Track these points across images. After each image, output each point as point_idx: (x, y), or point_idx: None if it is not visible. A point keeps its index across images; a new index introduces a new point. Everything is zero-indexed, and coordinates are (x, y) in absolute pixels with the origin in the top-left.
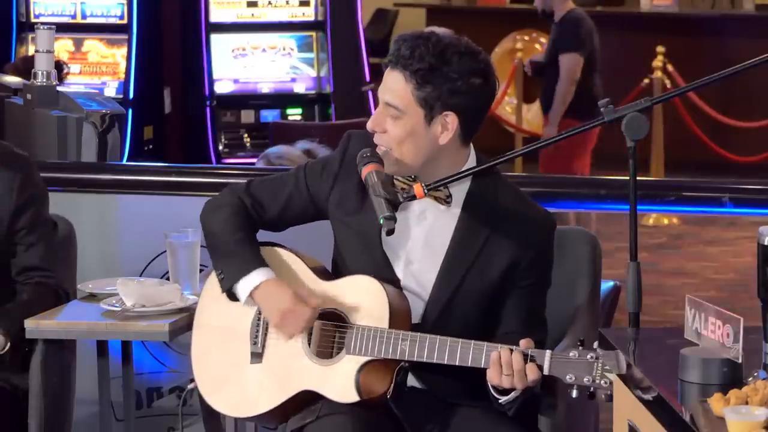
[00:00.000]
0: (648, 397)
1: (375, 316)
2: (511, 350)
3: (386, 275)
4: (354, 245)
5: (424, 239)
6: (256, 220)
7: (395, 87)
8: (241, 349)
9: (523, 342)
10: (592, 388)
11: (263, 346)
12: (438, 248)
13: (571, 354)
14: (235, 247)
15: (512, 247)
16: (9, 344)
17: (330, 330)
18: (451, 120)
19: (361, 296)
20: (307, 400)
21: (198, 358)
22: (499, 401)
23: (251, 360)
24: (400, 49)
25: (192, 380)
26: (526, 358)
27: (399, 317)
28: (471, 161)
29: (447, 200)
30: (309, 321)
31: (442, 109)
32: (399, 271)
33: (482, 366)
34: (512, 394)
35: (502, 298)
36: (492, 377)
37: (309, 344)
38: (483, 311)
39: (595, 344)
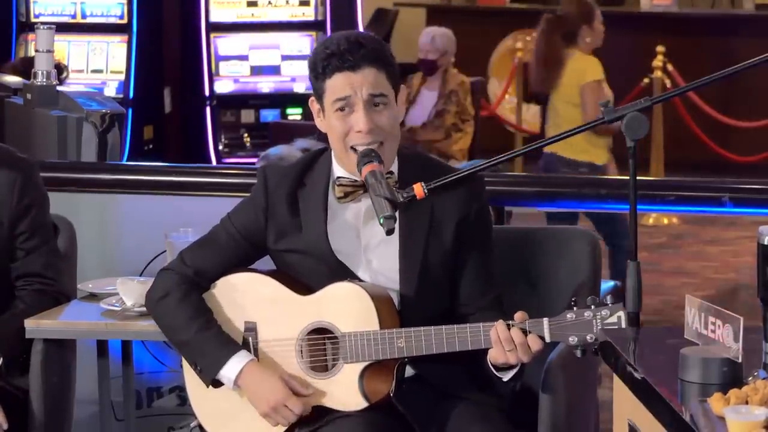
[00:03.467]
0: (648, 396)
1: (363, 319)
2: (508, 325)
3: None
4: (309, 264)
5: (375, 235)
6: (203, 287)
7: (372, 79)
8: None
9: (517, 315)
10: (596, 346)
11: None
12: (390, 238)
13: (568, 316)
14: (199, 338)
15: (457, 206)
16: (2, 359)
17: (320, 343)
18: (402, 93)
19: (345, 303)
20: (312, 414)
21: (196, 396)
22: (503, 380)
23: None
24: (350, 52)
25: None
26: (524, 331)
27: (386, 314)
28: None
29: (396, 185)
30: (299, 415)
31: (399, 85)
32: (363, 274)
33: (483, 347)
34: (514, 370)
35: (462, 261)
36: (496, 356)
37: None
38: (451, 279)
39: (589, 300)
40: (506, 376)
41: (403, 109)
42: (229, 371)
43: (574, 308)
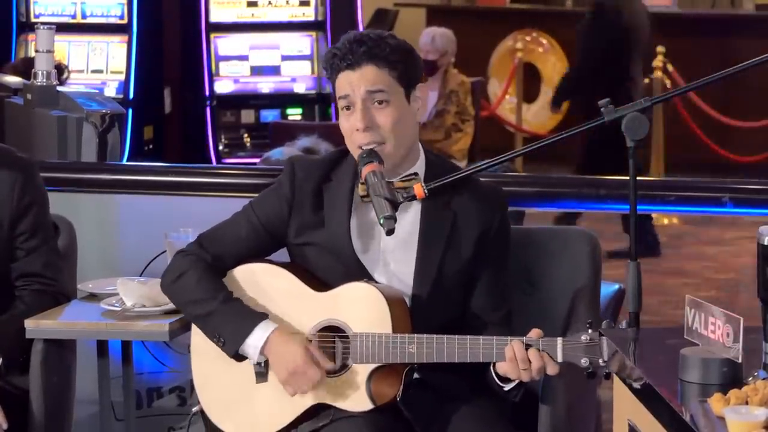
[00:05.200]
0: (648, 397)
1: (377, 322)
2: (524, 344)
3: None
4: (327, 261)
5: (395, 238)
6: (221, 272)
7: (371, 76)
8: (245, 371)
9: (533, 332)
10: (607, 369)
11: (266, 366)
12: (409, 242)
13: (582, 338)
14: (223, 309)
15: (479, 219)
16: (1, 359)
17: (330, 341)
18: (420, 93)
19: (360, 304)
20: (317, 411)
21: (202, 384)
22: (504, 389)
23: (256, 380)
24: (351, 51)
25: (198, 404)
26: (538, 350)
27: (399, 318)
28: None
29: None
30: (316, 383)
31: (414, 83)
32: (379, 276)
33: (494, 360)
34: (516, 381)
35: (477, 274)
36: (508, 371)
37: None
38: (464, 291)
39: (604, 324)
40: (508, 386)
41: (419, 107)
42: (255, 340)
43: (589, 330)
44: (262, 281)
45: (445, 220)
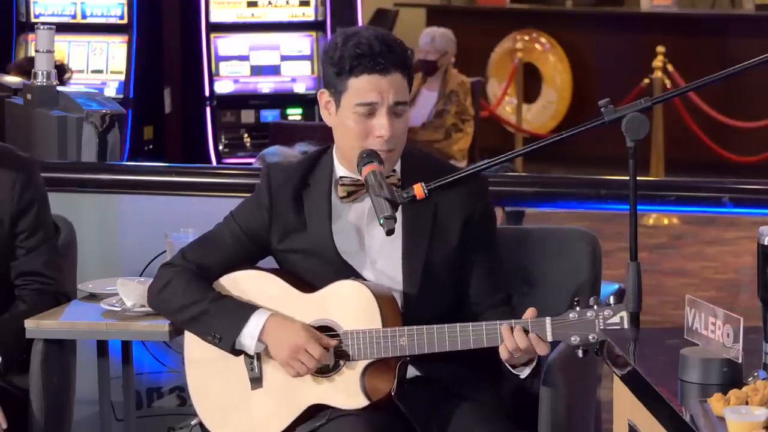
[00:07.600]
0: (648, 397)
1: (366, 318)
2: (512, 328)
3: None
4: (313, 264)
5: (380, 236)
6: (208, 281)
7: (398, 85)
8: (239, 377)
9: (528, 312)
10: (598, 346)
11: (261, 371)
12: (394, 238)
13: (570, 316)
14: (215, 306)
15: (462, 206)
16: (1, 359)
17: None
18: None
19: (348, 301)
20: (314, 412)
21: (197, 393)
22: (520, 376)
23: (252, 386)
24: (381, 54)
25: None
26: (526, 330)
27: (389, 312)
28: None
29: (398, 186)
30: (320, 357)
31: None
32: (367, 274)
33: (485, 345)
34: (530, 367)
35: (468, 261)
36: (504, 356)
37: None
38: (455, 280)
39: (591, 300)
40: (523, 373)
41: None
42: (252, 328)
43: (577, 308)
44: (249, 287)
45: (427, 211)
